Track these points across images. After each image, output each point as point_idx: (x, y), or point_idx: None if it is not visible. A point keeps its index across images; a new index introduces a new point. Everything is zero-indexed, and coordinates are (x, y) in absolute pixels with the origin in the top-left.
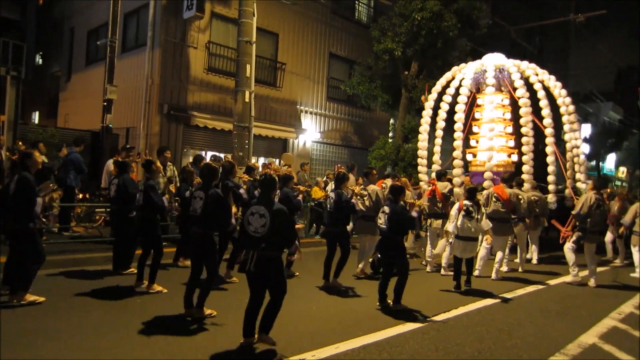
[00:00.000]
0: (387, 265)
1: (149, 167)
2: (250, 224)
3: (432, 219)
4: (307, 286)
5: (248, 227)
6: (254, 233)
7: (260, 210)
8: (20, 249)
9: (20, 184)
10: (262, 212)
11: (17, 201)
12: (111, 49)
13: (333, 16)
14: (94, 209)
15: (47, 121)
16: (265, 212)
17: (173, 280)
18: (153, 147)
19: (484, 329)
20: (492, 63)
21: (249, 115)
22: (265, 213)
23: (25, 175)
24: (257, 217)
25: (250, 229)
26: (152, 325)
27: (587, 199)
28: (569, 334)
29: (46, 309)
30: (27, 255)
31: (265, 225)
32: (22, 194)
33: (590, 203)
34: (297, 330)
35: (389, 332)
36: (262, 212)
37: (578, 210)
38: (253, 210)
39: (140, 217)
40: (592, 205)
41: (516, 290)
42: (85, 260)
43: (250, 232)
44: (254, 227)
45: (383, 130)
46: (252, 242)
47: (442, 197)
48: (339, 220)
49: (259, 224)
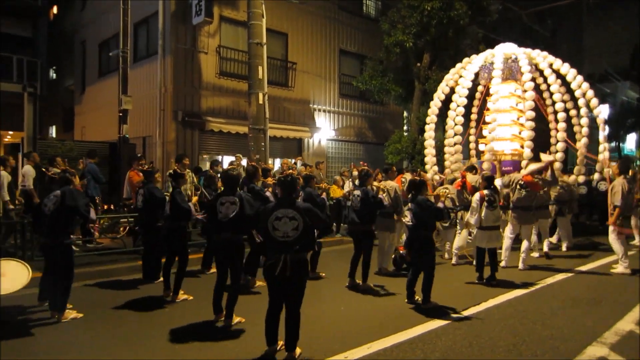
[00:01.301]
0: (416, 262)
1: (177, 178)
2: (277, 229)
3: (463, 211)
4: (332, 286)
5: (274, 233)
6: (283, 238)
7: (288, 213)
8: (56, 265)
9: (69, 195)
10: (290, 215)
11: (60, 214)
12: (123, 59)
13: (341, 12)
14: (117, 220)
15: (64, 135)
16: (295, 214)
17: (200, 287)
18: (170, 155)
19: (516, 321)
20: (502, 52)
21: (264, 117)
22: (295, 215)
23: (71, 189)
24: (285, 221)
25: (278, 234)
26: (181, 333)
27: (621, 185)
28: (604, 322)
29: (76, 322)
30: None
31: (297, 228)
32: (73, 202)
33: (625, 189)
34: (326, 332)
35: (420, 329)
36: (291, 215)
37: (619, 199)
38: (279, 215)
39: (168, 226)
40: (626, 192)
41: (545, 280)
42: (110, 271)
43: (277, 237)
44: (282, 232)
45: (397, 124)
46: (283, 247)
47: (471, 189)
48: (365, 218)
49: (289, 227)
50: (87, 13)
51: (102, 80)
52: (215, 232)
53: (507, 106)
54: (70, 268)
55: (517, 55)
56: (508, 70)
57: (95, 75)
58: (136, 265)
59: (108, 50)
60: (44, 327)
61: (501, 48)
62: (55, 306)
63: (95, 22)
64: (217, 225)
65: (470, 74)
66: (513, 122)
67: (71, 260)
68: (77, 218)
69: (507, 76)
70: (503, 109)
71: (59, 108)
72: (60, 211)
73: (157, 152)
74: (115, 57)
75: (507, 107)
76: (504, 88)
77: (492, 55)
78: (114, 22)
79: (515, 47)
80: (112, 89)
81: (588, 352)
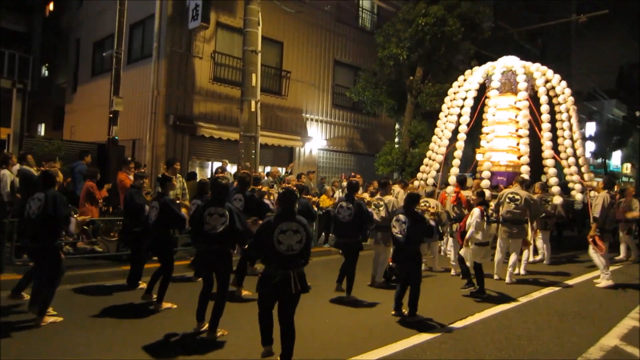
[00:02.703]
0: (404, 275)
1: (164, 183)
2: (282, 243)
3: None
4: (318, 298)
5: (279, 247)
6: (287, 251)
7: (292, 226)
8: (43, 269)
9: (54, 202)
10: (294, 228)
11: (45, 218)
12: (117, 60)
13: (337, 23)
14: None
15: (52, 133)
16: (299, 227)
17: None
18: (159, 159)
19: (502, 336)
20: (502, 65)
21: (256, 125)
22: (298, 228)
23: (56, 192)
24: (290, 234)
25: (282, 248)
26: (164, 343)
27: (603, 199)
28: (589, 337)
29: (57, 328)
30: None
31: (301, 241)
32: (56, 211)
33: (607, 203)
34: (310, 344)
35: (405, 343)
36: (295, 228)
37: (599, 211)
38: (283, 228)
39: (156, 234)
40: (607, 205)
41: (532, 294)
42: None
43: (281, 251)
44: (286, 245)
45: (389, 136)
46: (287, 261)
47: (466, 203)
48: (356, 231)
49: (294, 240)
50: (84, 11)
51: (94, 80)
52: (202, 243)
53: (506, 118)
54: (56, 272)
55: (515, 69)
56: (508, 82)
57: (88, 74)
58: (119, 271)
59: (102, 50)
60: (22, 331)
61: (502, 60)
62: (36, 309)
63: (91, 21)
64: (204, 236)
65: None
66: (510, 134)
67: (58, 265)
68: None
69: (507, 89)
70: (501, 121)
71: (49, 106)
72: (43, 216)
73: (146, 155)
74: (109, 57)
75: (506, 120)
76: (503, 100)
77: (493, 67)
78: (110, 22)
79: (516, 60)
80: (104, 90)
81: None
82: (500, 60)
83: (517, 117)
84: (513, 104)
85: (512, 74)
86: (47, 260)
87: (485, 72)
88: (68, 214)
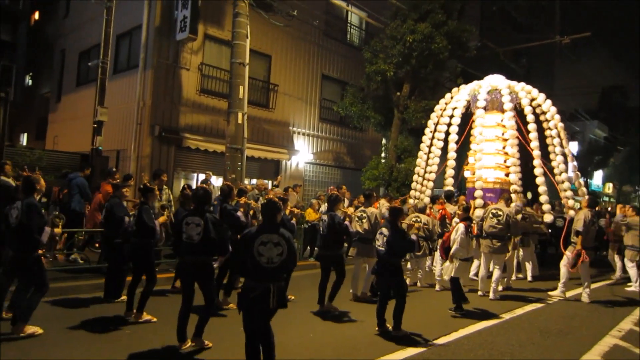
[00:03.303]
0: (385, 289)
1: (145, 193)
2: (262, 255)
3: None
4: (302, 312)
5: (260, 259)
6: (268, 264)
7: (272, 238)
8: (24, 279)
9: (28, 210)
10: (275, 241)
11: (23, 228)
12: (102, 70)
13: (325, 38)
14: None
15: (35, 143)
16: (280, 239)
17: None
18: (144, 170)
19: (486, 352)
20: (488, 84)
21: (242, 137)
22: (280, 241)
23: (32, 201)
24: (270, 246)
25: (263, 260)
26: (144, 358)
27: (584, 215)
28: (571, 354)
29: (34, 342)
30: (29, 285)
31: (282, 254)
32: (29, 221)
33: (587, 219)
34: (295, 358)
35: (390, 357)
36: (276, 241)
37: (580, 226)
38: (264, 240)
39: (134, 243)
40: (588, 222)
41: (515, 310)
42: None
43: (262, 263)
44: (266, 258)
45: (375, 151)
46: (267, 274)
47: (451, 219)
48: (333, 243)
49: (275, 252)
50: (70, 21)
51: (79, 90)
52: (182, 254)
53: (492, 135)
54: (40, 282)
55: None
56: (494, 100)
57: (73, 84)
58: (99, 283)
59: (88, 60)
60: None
61: (488, 80)
62: (18, 319)
63: (77, 31)
64: (183, 246)
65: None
66: (497, 152)
67: (41, 275)
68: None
69: (494, 107)
70: (488, 138)
71: (32, 116)
72: (21, 225)
73: (131, 166)
74: (94, 67)
75: (492, 137)
76: (490, 118)
77: (479, 86)
78: (97, 32)
79: (502, 79)
80: (88, 100)
81: None
82: (486, 79)
83: (503, 135)
84: (500, 121)
85: (497, 93)
86: (27, 270)
87: (471, 90)
88: (43, 223)
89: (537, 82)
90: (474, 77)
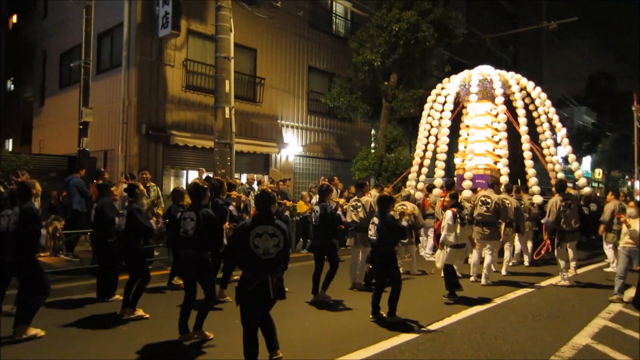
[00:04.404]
0: (379, 277)
1: (132, 191)
2: (258, 247)
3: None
4: (297, 302)
5: (256, 251)
6: (264, 255)
7: (268, 229)
8: (24, 283)
9: (24, 215)
10: (271, 232)
11: (21, 232)
12: (85, 70)
13: (311, 30)
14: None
15: (21, 148)
16: (276, 230)
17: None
18: (133, 169)
19: (478, 336)
20: (478, 73)
21: (230, 132)
22: (276, 232)
23: (29, 205)
24: (266, 238)
25: (259, 252)
26: (145, 353)
27: (552, 204)
28: (562, 336)
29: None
30: (30, 287)
31: (278, 245)
32: (27, 224)
33: (557, 207)
34: (289, 348)
35: (384, 345)
36: (272, 232)
37: (547, 217)
38: (259, 231)
39: (124, 242)
40: (559, 208)
41: (506, 295)
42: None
43: (258, 255)
44: (262, 249)
45: (365, 142)
46: (264, 265)
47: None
48: (325, 234)
49: (270, 244)
50: (49, 22)
51: (62, 92)
52: (180, 248)
53: (482, 124)
54: (41, 285)
55: (491, 77)
56: (484, 90)
57: (56, 86)
58: (92, 284)
59: (70, 61)
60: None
61: (478, 69)
62: (19, 321)
63: (57, 32)
64: (180, 240)
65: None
66: (487, 139)
67: (40, 277)
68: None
69: (483, 96)
70: (478, 125)
71: (16, 120)
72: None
73: (119, 166)
74: (77, 68)
75: (482, 125)
76: (480, 106)
77: (469, 75)
78: (77, 32)
79: (491, 69)
80: (73, 101)
81: None
82: (476, 69)
83: (492, 124)
84: (489, 110)
85: (487, 81)
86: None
87: (462, 80)
88: (40, 227)
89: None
90: (462, 65)
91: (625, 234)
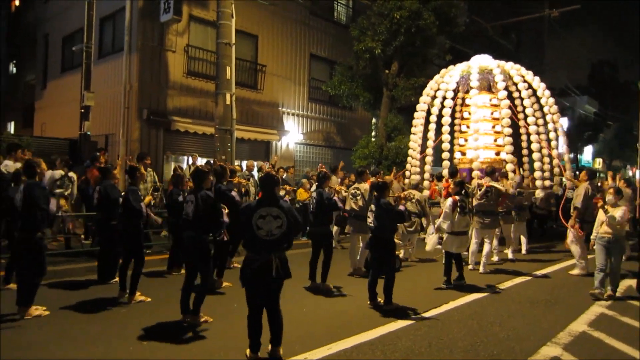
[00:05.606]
0: (377, 263)
1: (133, 173)
2: (261, 228)
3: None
4: (295, 288)
5: (258, 232)
6: (267, 237)
7: (272, 211)
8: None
9: (29, 189)
10: (275, 214)
11: (27, 206)
12: (87, 54)
13: (312, 17)
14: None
15: (23, 131)
16: (279, 212)
17: (162, 288)
18: (133, 153)
19: (475, 323)
20: (478, 65)
21: (231, 118)
22: (279, 213)
23: (33, 181)
24: (269, 219)
25: (261, 233)
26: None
27: (585, 190)
28: (559, 323)
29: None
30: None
31: (282, 226)
32: (32, 198)
33: (588, 194)
34: (288, 333)
35: (381, 330)
36: (276, 213)
37: (580, 201)
38: (262, 213)
39: (122, 224)
40: (589, 196)
41: (505, 282)
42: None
43: (261, 237)
44: (266, 231)
45: (365, 130)
46: (268, 246)
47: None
48: (322, 220)
49: (274, 225)
50: (52, 6)
51: (64, 76)
52: (181, 230)
53: (482, 116)
54: (40, 264)
55: (492, 68)
56: (484, 81)
57: (58, 70)
58: (93, 266)
59: (72, 45)
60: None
61: (477, 60)
62: (21, 302)
63: (59, 16)
64: (182, 223)
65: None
66: (486, 132)
67: (41, 256)
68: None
69: (483, 87)
70: (478, 118)
71: (18, 103)
72: (25, 206)
73: (120, 150)
74: (79, 52)
75: (482, 117)
76: (480, 98)
77: (468, 67)
78: (79, 16)
79: (490, 59)
80: (74, 85)
81: (542, 352)
82: (474, 59)
83: (493, 115)
84: (488, 101)
85: (488, 73)
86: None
87: (462, 71)
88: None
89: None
90: (463, 53)
91: (602, 223)
